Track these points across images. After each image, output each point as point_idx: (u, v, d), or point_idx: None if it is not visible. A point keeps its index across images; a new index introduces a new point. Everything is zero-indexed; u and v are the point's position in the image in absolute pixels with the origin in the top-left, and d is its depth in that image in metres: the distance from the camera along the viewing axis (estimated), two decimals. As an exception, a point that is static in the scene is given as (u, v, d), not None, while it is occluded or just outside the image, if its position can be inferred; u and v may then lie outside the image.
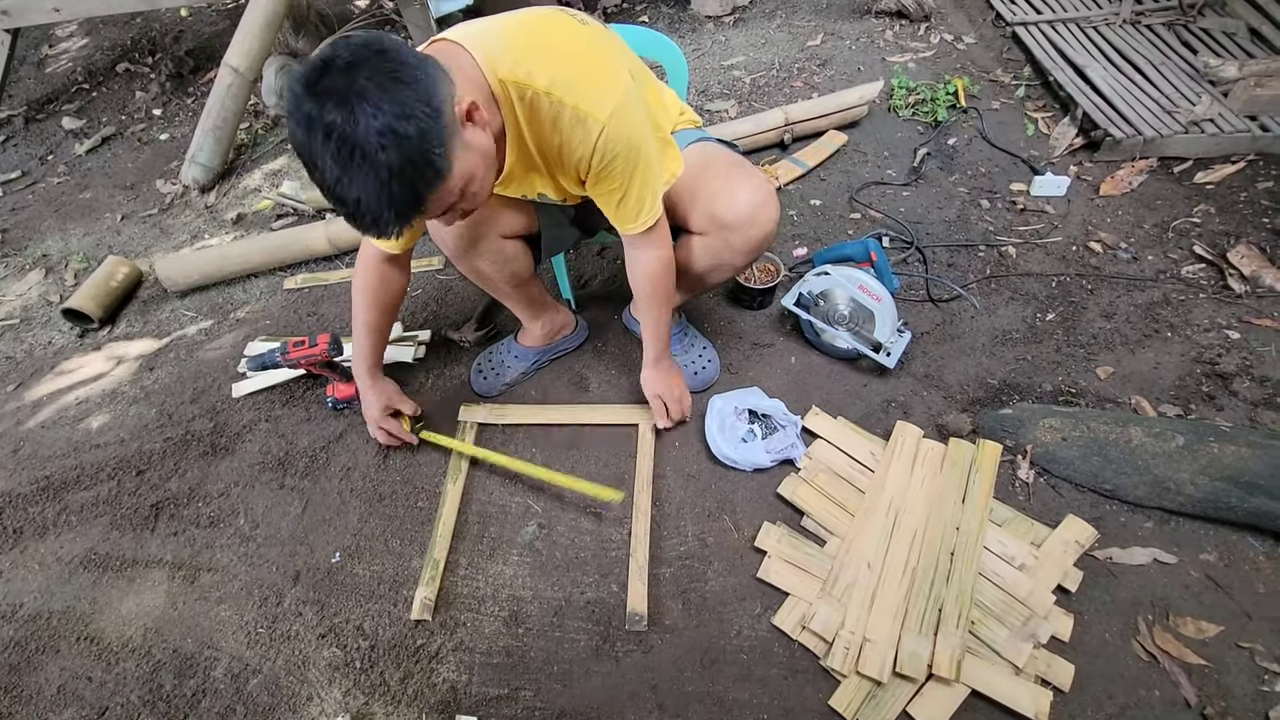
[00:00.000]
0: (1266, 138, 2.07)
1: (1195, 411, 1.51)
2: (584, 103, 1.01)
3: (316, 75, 0.80)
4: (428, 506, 1.51)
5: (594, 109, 1.01)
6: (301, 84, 0.81)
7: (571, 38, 1.06)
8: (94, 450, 1.70)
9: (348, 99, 0.79)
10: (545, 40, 1.04)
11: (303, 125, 0.80)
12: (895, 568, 1.31)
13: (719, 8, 3.05)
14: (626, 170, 1.10)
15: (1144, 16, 2.61)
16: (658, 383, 1.51)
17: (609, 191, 1.15)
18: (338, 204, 0.85)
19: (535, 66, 0.99)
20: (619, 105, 1.03)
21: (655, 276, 1.30)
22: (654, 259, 1.28)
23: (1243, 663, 1.18)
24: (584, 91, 1.01)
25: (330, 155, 0.80)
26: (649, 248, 1.26)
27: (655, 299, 1.35)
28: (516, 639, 1.31)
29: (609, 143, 1.04)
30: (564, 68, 1.01)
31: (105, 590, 1.44)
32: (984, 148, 2.26)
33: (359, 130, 0.79)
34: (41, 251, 2.33)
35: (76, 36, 3.49)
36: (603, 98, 1.02)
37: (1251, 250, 1.80)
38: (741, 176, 1.28)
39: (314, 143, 0.80)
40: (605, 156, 1.06)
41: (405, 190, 0.85)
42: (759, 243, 1.32)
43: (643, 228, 1.20)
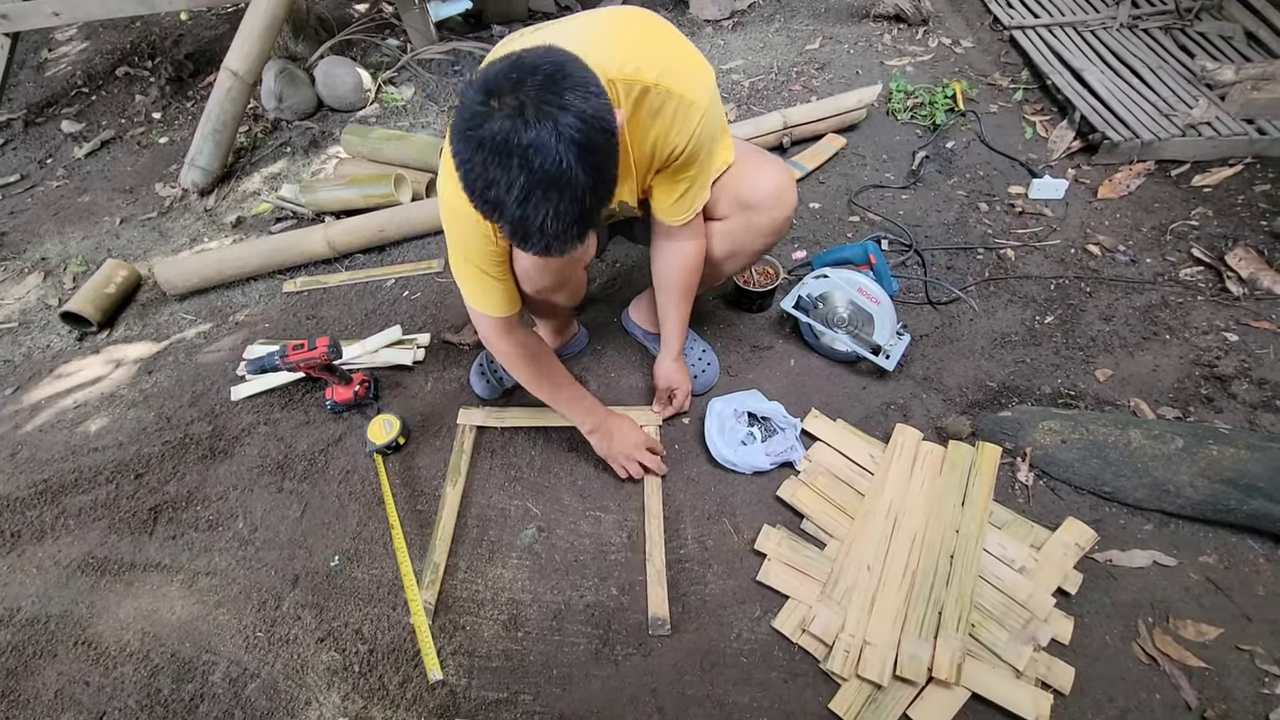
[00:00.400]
0: (1263, 141, 2.08)
1: (1194, 414, 1.51)
2: (689, 91, 1.04)
3: (508, 88, 0.77)
4: (427, 509, 1.51)
5: (698, 96, 1.05)
6: (484, 95, 0.77)
7: (665, 32, 1.09)
8: (92, 454, 1.69)
9: (549, 112, 0.76)
10: (646, 36, 1.06)
11: (486, 145, 0.76)
12: (895, 571, 1.31)
13: (717, 12, 3.06)
14: (706, 158, 1.14)
15: (1141, 20, 2.62)
16: (675, 376, 1.53)
17: (681, 180, 1.16)
18: (517, 225, 0.80)
19: (643, 61, 1.01)
20: (713, 93, 1.08)
21: (690, 267, 1.32)
22: (691, 250, 1.30)
23: (1243, 665, 1.18)
24: (688, 80, 1.05)
25: (525, 174, 0.76)
26: (687, 239, 1.28)
27: (686, 290, 1.37)
28: (516, 642, 1.31)
29: (705, 128, 1.08)
30: (668, 59, 1.04)
31: (103, 594, 1.44)
32: (982, 151, 2.27)
33: (563, 145, 0.76)
34: (40, 255, 2.32)
35: (76, 40, 3.49)
36: (701, 86, 1.06)
37: (1249, 253, 1.80)
38: (763, 160, 1.33)
39: (504, 161, 0.76)
40: (700, 142, 1.10)
41: (594, 204, 0.82)
42: (780, 224, 1.34)
43: (691, 216, 1.23)
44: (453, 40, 2.99)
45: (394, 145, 2.34)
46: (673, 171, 1.15)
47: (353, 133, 2.39)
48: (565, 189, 0.78)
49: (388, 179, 2.16)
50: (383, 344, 1.80)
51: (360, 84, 2.75)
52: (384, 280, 2.04)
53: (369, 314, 1.95)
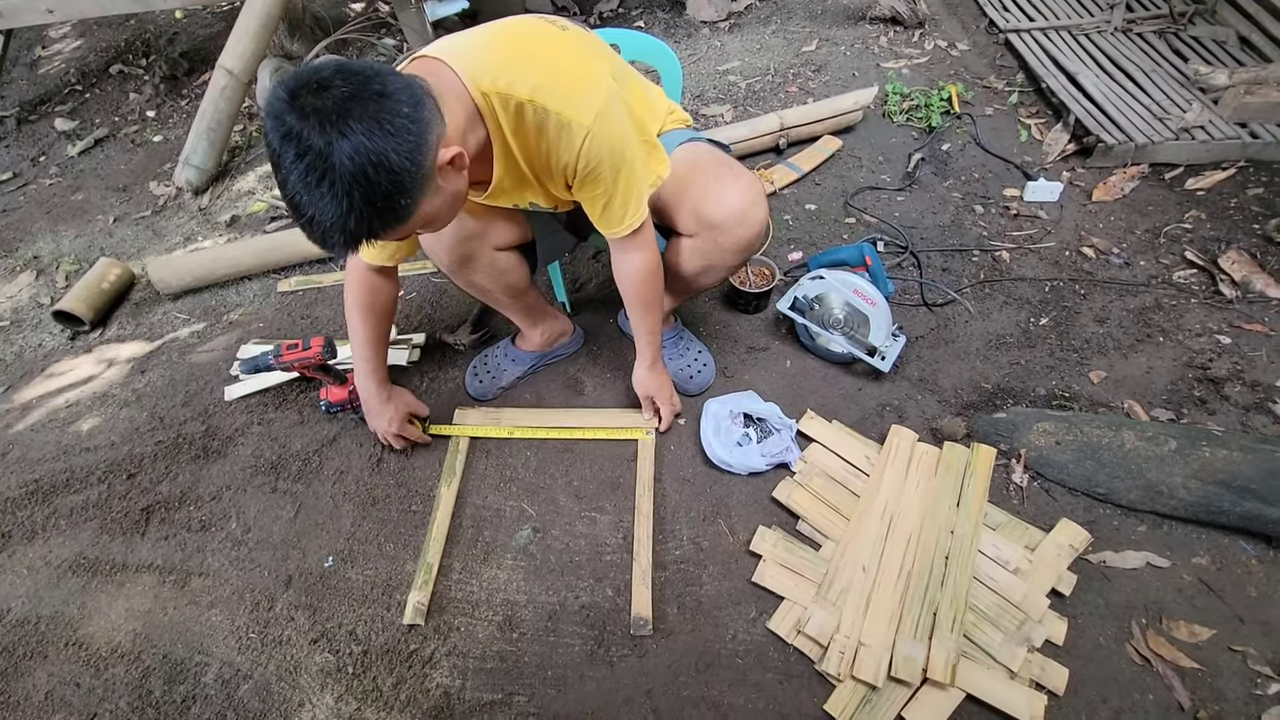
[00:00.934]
0: (1256, 144, 2.09)
1: (1187, 416, 1.52)
2: (567, 109, 1.01)
3: (309, 91, 0.80)
4: (422, 510, 1.50)
5: (577, 115, 1.02)
6: (289, 93, 0.80)
7: (551, 44, 1.06)
8: (84, 454, 1.68)
9: (328, 130, 0.79)
10: (525, 49, 1.04)
11: (278, 132, 0.80)
12: (890, 571, 1.31)
13: (714, 13, 3.07)
14: (611, 174, 1.10)
15: (1135, 24, 2.64)
16: (650, 384, 1.51)
17: (594, 196, 1.15)
18: (293, 211, 0.85)
19: (516, 76, 1.00)
20: (602, 109, 1.03)
21: (641, 279, 1.30)
22: (639, 262, 1.27)
23: (1235, 666, 1.18)
24: (567, 97, 1.02)
25: (298, 172, 0.80)
26: (634, 250, 1.25)
27: (643, 302, 1.35)
28: (511, 644, 1.30)
29: (594, 147, 1.05)
30: (546, 75, 1.01)
31: (94, 595, 1.43)
32: (978, 153, 2.27)
33: (332, 161, 0.79)
34: (33, 253, 2.31)
35: (70, 38, 3.48)
36: (586, 103, 1.02)
37: (1242, 256, 1.81)
38: (730, 177, 1.28)
39: (286, 154, 0.80)
40: (590, 161, 1.07)
41: (359, 227, 0.85)
42: (748, 243, 1.31)
43: (627, 231, 1.19)
44: (449, 40, 2.99)
45: (390, 145, 2.32)
46: (579, 186, 1.14)
47: (348, 132, 2.38)
48: (330, 202, 0.81)
49: (383, 178, 2.15)
50: (378, 344, 1.79)
51: (356, 83, 2.73)
52: (379, 280, 2.04)
53: (364, 314, 1.94)
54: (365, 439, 1.63)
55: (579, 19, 3.17)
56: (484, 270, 1.38)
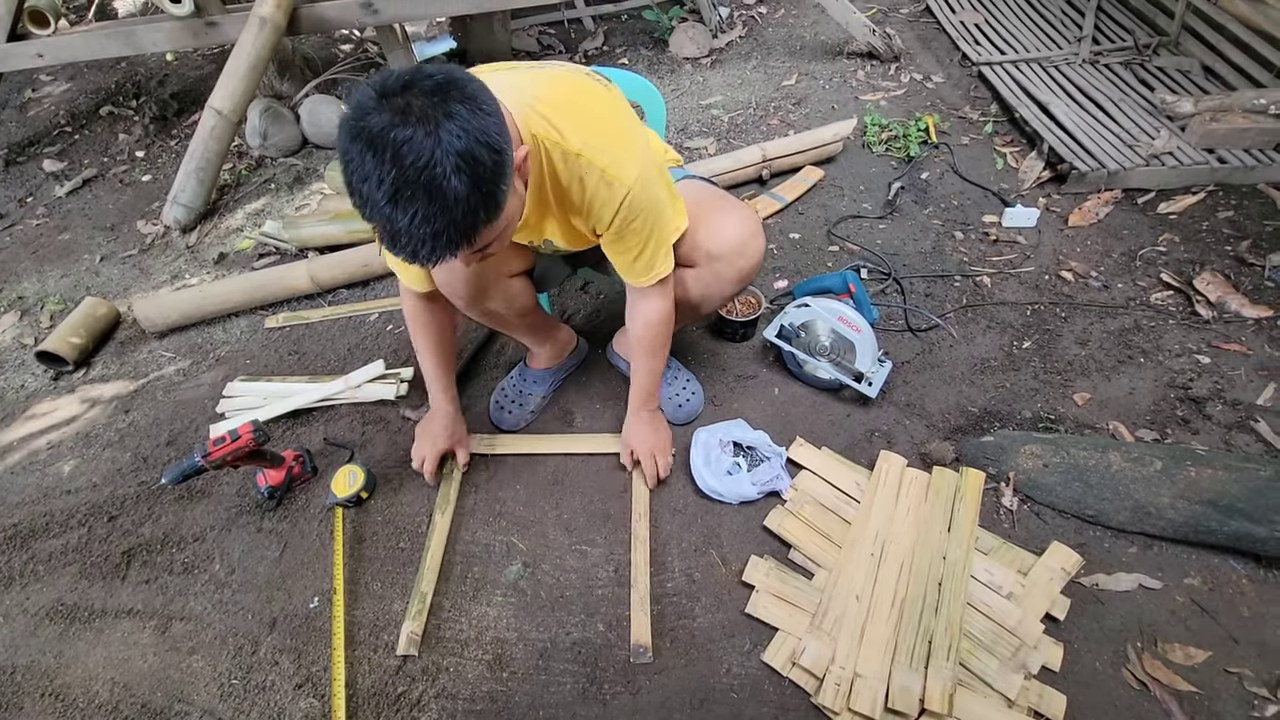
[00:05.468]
0: (1224, 169, 2.15)
1: (1171, 436, 1.54)
2: (612, 166, 1.05)
3: (398, 89, 0.78)
4: (410, 547, 1.48)
5: (621, 173, 1.06)
6: (376, 93, 0.77)
7: (599, 102, 1.10)
8: (65, 496, 1.65)
9: (432, 116, 0.76)
10: (577, 103, 1.08)
11: (363, 136, 0.76)
12: (884, 600, 1.30)
13: (696, 50, 3.15)
14: (645, 229, 1.14)
15: (1102, 56, 2.73)
16: (640, 431, 1.50)
17: (626, 249, 1.18)
18: (384, 223, 0.80)
19: (568, 128, 1.03)
20: (642, 170, 1.08)
21: (656, 325, 1.33)
22: (657, 310, 1.31)
23: (1232, 688, 1.18)
24: (612, 155, 1.06)
25: (395, 172, 0.75)
26: (655, 299, 1.30)
27: (652, 346, 1.38)
28: (501, 683, 1.27)
29: (633, 205, 1.09)
30: (595, 132, 1.05)
31: (72, 643, 1.39)
32: (956, 181, 2.33)
33: (440, 150, 0.76)
34: (17, 294, 2.30)
35: (59, 80, 3.51)
36: (629, 162, 1.07)
37: (1216, 277, 1.85)
38: (729, 209, 1.33)
39: (377, 155, 0.76)
40: (629, 218, 1.11)
41: (467, 219, 0.81)
42: (748, 273, 1.35)
43: (654, 280, 1.24)
44: (437, 78, 3.04)
45: (378, 181, 2.35)
46: (612, 239, 1.17)
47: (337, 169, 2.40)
48: (436, 194, 0.77)
49: (372, 214, 2.17)
50: (365, 379, 1.78)
51: (345, 121, 2.77)
52: (367, 315, 2.04)
53: (352, 349, 1.94)
54: (352, 475, 1.61)
55: (564, 56, 3.25)
56: (499, 298, 1.40)
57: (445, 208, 0.79)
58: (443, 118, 0.77)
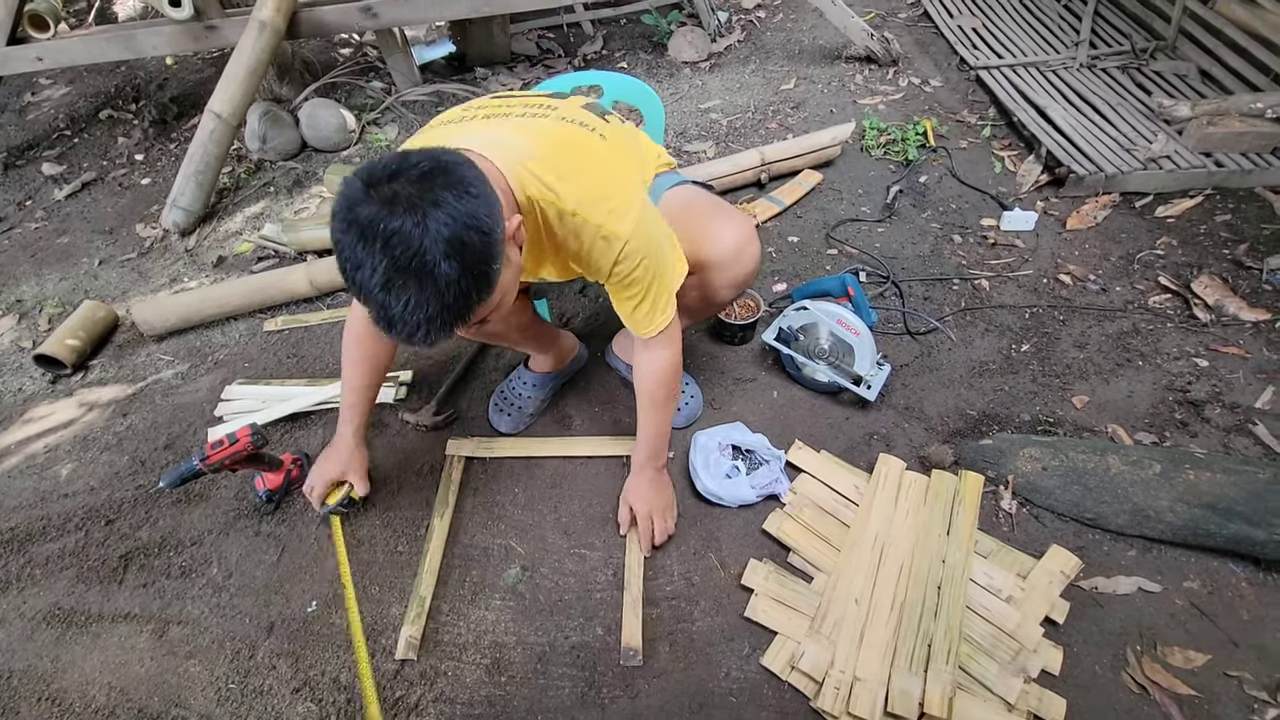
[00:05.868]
0: (1221, 173, 2.16)
1: (1170, 439, 1.54)
2: (608, 221, 1.06)
3: (384, 178, 0.79)
4: (408, 551, 1.48)
5: (617, 227, 1.06)
6: (363, 184, 0.79)
7: (591, 154, 1.11)
8: (62, 500, 1.65)
9: (419, 205, 0.78)
10: (569, 158, 1.08)
11: (355, 227, 0.78)
12: (883, 603, 1.30)
13: (695, 54, 3.16)
14: (645, 279, 1.14)
15: (1099, 60, 2.74)
16: (642, 489, 1.42)
17: (629, 297, 1.18)
18: (378, 309, 0.81)
19: (562, 186, 1.03)
20: (638, 221, 1.08)
21: (662, 378, 1.31)
22: (663, 360, 1.29)
23: (1232, 692, 1.18)
24: (608, 210, 1.06)
25: (387, 260, 0.77)
26: (659, 349, 1.27)
27: (659, 400, 1.34)
28: (499, 688, 1.27)
29: (630, 256, 1.09)
30: (588, 187, 1.06)
31: (69, 647, 1.38)
32: (954, 185, 2.33)
33: (428, 238, 0.77)
34: (15, 297, 2.29)
35: (59, 84, 3.51)
36: (624, 215, 1.07)
37: (1214, 280, 1.86)
38: (723, 217, 1.32)
39: (368, 245, 0.77)
40: (627, 268, 1.11)
41: (460, 301, 0.83)
42: (744, 280, 1.35)
43: (656, 332, 1.22)
44: (436, 82, 3.05)
45: (377, 184, 2.35)
46: (614, 289, 1.17)
47: (336, 172, 2.41)
48: (427, 281, 0.79)
49: (371, 218, 2.17)
50: (364, 382, 1.78)
51: (344, 125, 2.78)
52: (366, 318, 2.04)
53: (351, 352, 1.94)
54: (351, 479, 1.61)
55: (563, 60, 3.25)
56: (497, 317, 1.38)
57: (438, 293, 0.80)
58: (430, 206, 0.78)
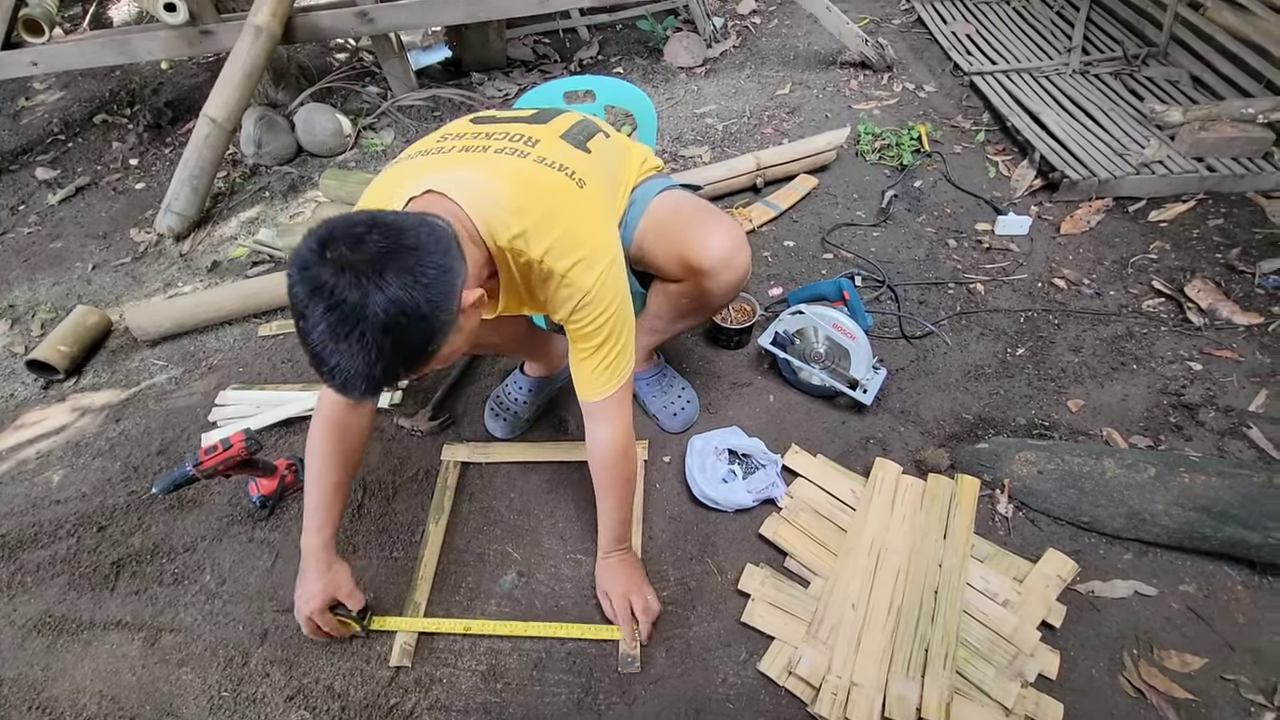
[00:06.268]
0: (1214, 178, 2.17)
1: (1165, 442, 1.54)
2: (572, 272, 1.05)
3: (344, 243, 0.80)
4: (404, 557, 1.47)
5: (581, 279, 1.06)
6: (319, 243, 0.80)
7: (567, 206, 1.09)
8: (53, 506, 1.63)
9: (364, 283, 0.79)
10: (538, 205, 1.06)
11: (307, 286, 0.80)
12: (880, 608, 1.29)
13: (690, 59, 3.17)
14: (601, 333, 1.12)
15: (1092, 66, 2.76)
16: (616, 577, 1.32)
17: (582, 350, 1.15)
18: (315, 360, 0.84)
19: (532, 238, 1.03)
20: (605, 276, 1.08)
21: (611, 459, 1.24)
22: (609, 440, 1.22)
23: (1228, 695, 1.18)
24: (574, 259, 1.05)
25: (326, 323, 0.80)
26: (603, 422, 1.21)
27: (612, 483, 1.27)
28: (495, 694, 1.26)
29: (590, 305, 1.08)
30: (558, 237, 1.05)
31: (60, 655, 1.37)
32: (949, 189, 2.34)
33: (366, 314, 0.79)
34: (8, 302, 2.28)
35: (54, 89, 3.50)
36: (591, 267, 1.06)
37: (1207, 284, 1.87)
38: (712, 223, 1.30)
39: (314, 307, 0.80)
40: (586, 317, 1.10)
41: (386, 374, 0.85)
42: (734, 286, 1.33)
43: (600, 397, 1.17)
44: (432, 87, 3.05)
45: (373, 189, 2.35)
46: (574, 338, 1.15)
47: (331, 177, 2.41)
48: (358, 351, 0.81)
49: (366, 222, 2.16)
50: (359, 387, 1.77)
51: (340, 130, 2.78)
52: (361, 323, 2.03)
53: (346, 357, 1.93)
54: (345, 484, 1.60)
55: (559, 65, 3.26)
56: (489, 328, 1.35)
57: (367, 363, 0.82)
58: (373, 289, 0.79)
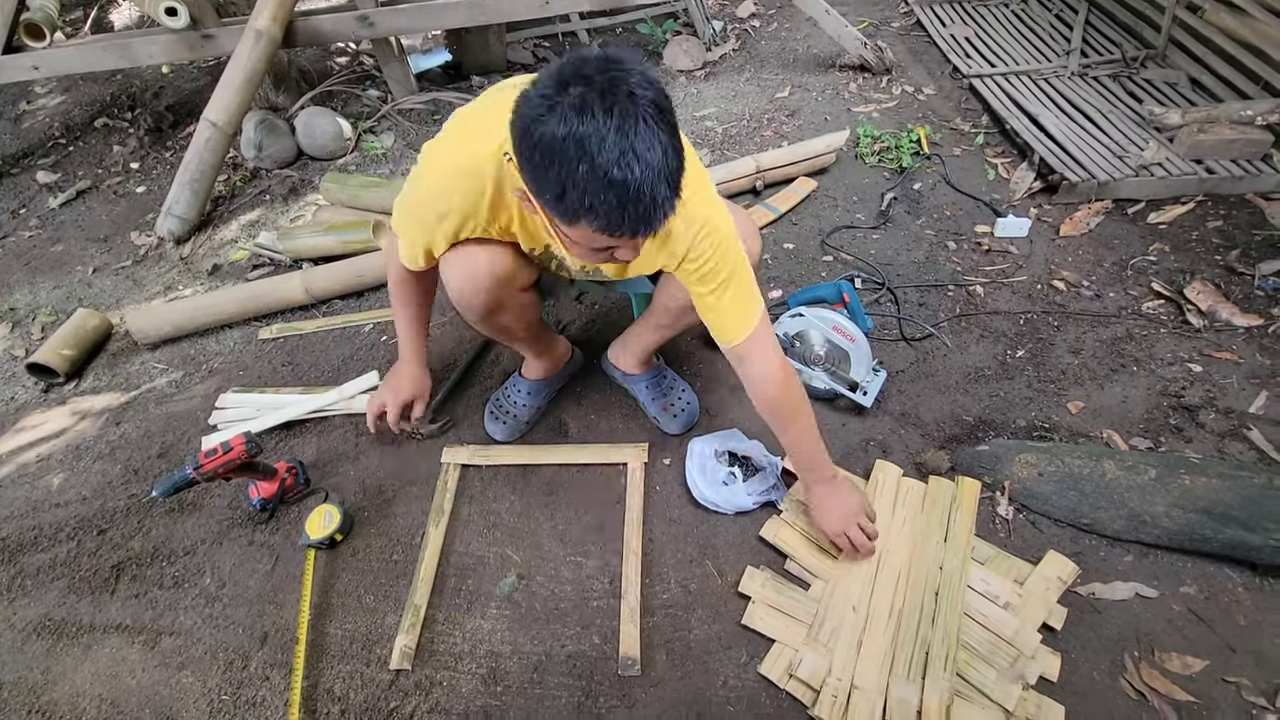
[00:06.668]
0: (1212, 180, 2.18)
1: (1165, 444, 1.54)
2: (692, 201, 1.06)
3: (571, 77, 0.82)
4: (403, 559, 1.47)
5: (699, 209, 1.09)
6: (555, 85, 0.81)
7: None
8: (54, 509, 1.63)
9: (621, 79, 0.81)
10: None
11: (572, 114, 0.80)
12: (881, 611, 1.29)
13: (690, 63, 3.17)
14: (724, 266, 1.14)
15: (1091, 69, 2.77)
16: (826, 513, 1.33)
17: (709, 292, 1.16)
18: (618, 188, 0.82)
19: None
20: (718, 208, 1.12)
21: (774, 396, 1.24)
22: (766, 376, 1.22)
23: (1230, 698, 1.17)
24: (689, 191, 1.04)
25: (615, 127, 0.79)
26: (756, 361, 1.21)
27: (788, 414, 1.27)
28: (495, 697, 1.26)
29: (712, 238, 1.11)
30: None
31: (60, 659, 1.37)
32: (948, 192, 2.34)
33: (642, 102, 0.81)
34: (9, 305, 2.28)
35: (54, 93, 3.51)
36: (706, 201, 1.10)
37: (1206, 286, 1.87)
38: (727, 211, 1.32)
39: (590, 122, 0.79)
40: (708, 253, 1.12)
41: (676, 164, 0.86)
42: None
43: (745, 334, 1.18)
44: (432, 91, 3.06)
45: (372, 192, 2.36)
46: (693, 281, 1.16)
47: (332, 180, 2.41)
48: (655, 142, 0.82)
49: (366, 225, 2.17)
50: (359, 390, 1.78)
51: (340, 133, 2.78)
52: (361, 326, 2.03)
53: (346, 360, 1.93)
54: (344, 487, 1.60)
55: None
56: (511, 311, 1.38)
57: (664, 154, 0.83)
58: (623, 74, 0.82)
